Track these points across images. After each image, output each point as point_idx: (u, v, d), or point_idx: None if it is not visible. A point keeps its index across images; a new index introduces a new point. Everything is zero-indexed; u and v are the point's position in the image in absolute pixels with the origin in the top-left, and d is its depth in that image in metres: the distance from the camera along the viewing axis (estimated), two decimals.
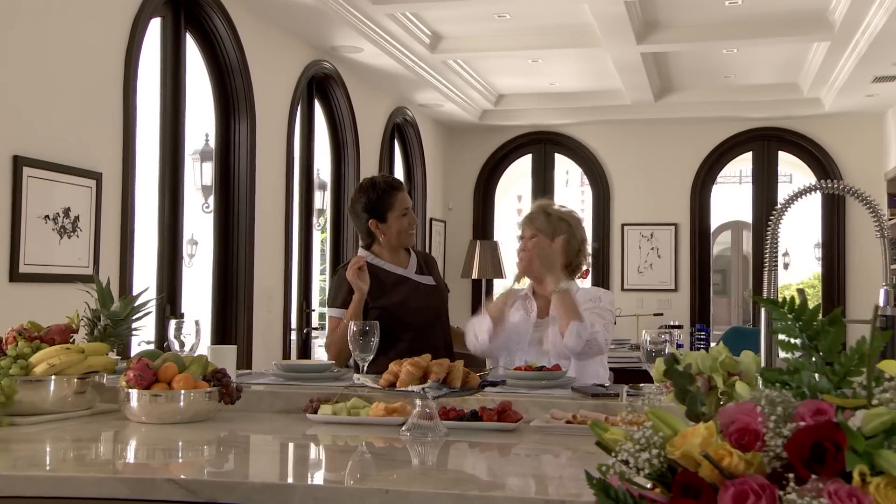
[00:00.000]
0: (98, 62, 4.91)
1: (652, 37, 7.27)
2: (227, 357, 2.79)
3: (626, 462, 1.04)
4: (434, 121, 10.00)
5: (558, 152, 10.51)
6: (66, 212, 4.67)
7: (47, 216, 4.54)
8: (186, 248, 6.25)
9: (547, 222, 3.50)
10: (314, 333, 7.54)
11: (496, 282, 10.54)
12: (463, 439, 2.33)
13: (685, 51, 7.91)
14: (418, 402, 2.29)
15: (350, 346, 2.80)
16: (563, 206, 3.64)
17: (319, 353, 7.96)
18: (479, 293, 10.27)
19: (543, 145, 10.49)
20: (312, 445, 2.38)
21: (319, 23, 6.57)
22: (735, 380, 1.76)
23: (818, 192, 1.77)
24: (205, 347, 2.95)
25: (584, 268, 3.53)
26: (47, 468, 2.02)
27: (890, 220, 9.01)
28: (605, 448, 1.12)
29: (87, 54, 4.82)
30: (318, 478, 1.96)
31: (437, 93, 8.73)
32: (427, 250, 9.72)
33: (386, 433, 2.39)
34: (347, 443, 2.35)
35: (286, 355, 6.79)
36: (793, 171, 14.06)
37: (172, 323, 2.75)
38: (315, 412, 2.50)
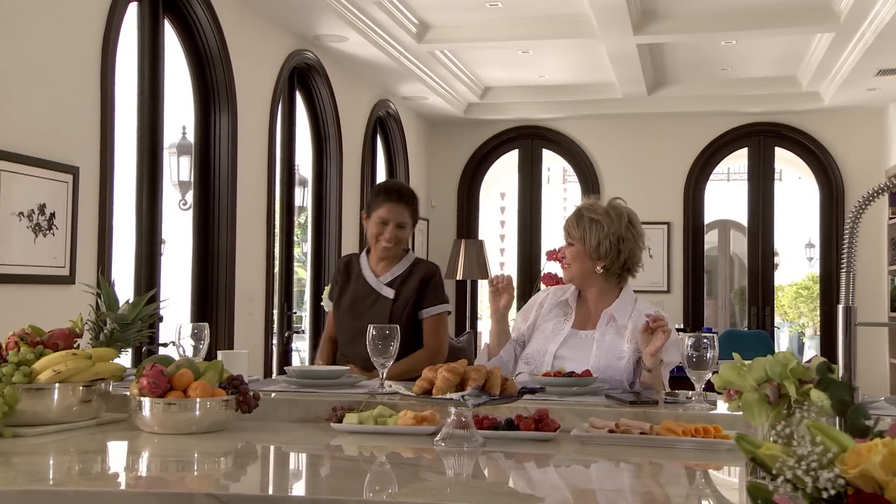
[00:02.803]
0: (73, 50, 4.82)
1: (650, 27, 7.26)
2: (238, 363, 2.74)
3: (794, 482, 1.00)
4: (417, 114, 9.96)
5: (546, 148, 10.50)
6: (41, 208, 4.59)
7: (21, 213, 4.46)
8: None
9: (577, 228, 3.40)
10: (293, 337, 7.49)
11: (481, 283, 10.50)
12: (498, 449, 2.29)
13: (683, 42, 7.92)
14: (452, 410, 2.26)
15: (368, 350, 2.76)
16: (600, 203, 3.48)
17: (294, 359, 7.89)
18: (464, 295, 10.24)
19: (530, 140, 10.49)
20: (342, 456, 2.33)
21: (303, 10, 6.52)
22: (809, 387, 1.74)
23: None
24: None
25: (640, 264, 3.44)
26: (64, 483, 1.96)
27: (891, 219, 9.09)
28: (762, 464, 1.08)
29: (62, 41, 4.73)
30: (362, 492, 1.92)
31: (422, 85, 8.69)
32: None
33: (416, 443, 2.35)
34: (378, 454, 2.30)
35: (268, 360, 6.73)
36: (783, 167, 14.17)
37: (181, 326, 2.70)
38: (340, 421, 2.46)
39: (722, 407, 2.64)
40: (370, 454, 2.32)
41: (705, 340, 2.57)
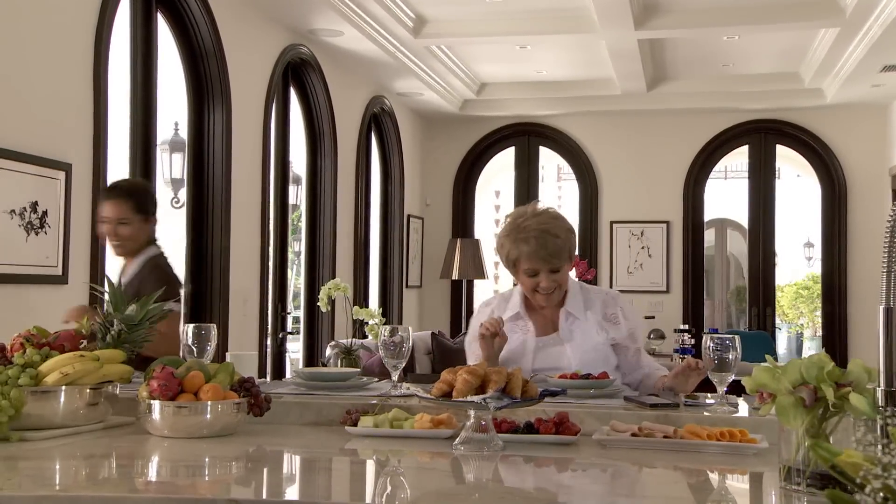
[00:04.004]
0: (66, 44, 4.79)
1: (651, 22, 7.26)
2: (247, 365, 2.72)
3: (884, 492, 0.98)
4: (412, 111, 9.95)
5: (543, 145, 10.51)
6: (34, 206, 4.56)
7: (13, 211, 4.43)
8: None
9: (565, 248, 3.25)
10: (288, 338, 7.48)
11: (477, 283, 10.49)
12: (518, 453, 2.28)
13: (685, 37, 7.92)
14: (472, 413, 2.24)
15: (381, 352, 2.75)
16: (534, 209, 3.33)
17: (286, 361, 7.88)
18: (460, 295, 10.22)
19: (527, 137, 10.49)
20: (359, 461, 2.32)
21: (298, 3, 6.50)
22: (847, 391, 1.74)
23: None
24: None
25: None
26: (77, 489, 1.94)
27: None
28: (841, 473, 1.07)
29: (54, 36, 4.70)
30: (382, 497, 1.91)
31: (418, 80, 8.67)
32: (404, 249, 9.66)
33: (433, 447, 2.34)
34: (396, 458, 2.29)
35: (262, 362, 6.70)
36: (781, 165, 14.20)
37: (189, 327, 2.68)
38: (355, 424, 2.44)
39: (744, 409, 2.63)
40: (387, 458, 2.30)
41: (727, 342, 2.56)
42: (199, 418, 2.35)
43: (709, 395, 2.79)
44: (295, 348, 8.20)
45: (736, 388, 2.72)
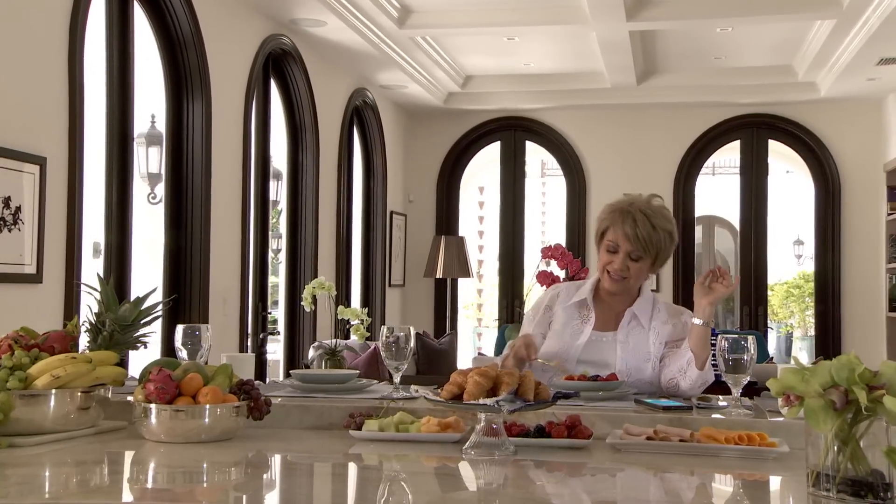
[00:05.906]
0: (40, 34, 4.73)
1: (644, 13, 7.26)
2: (245, 367, 2.70)
3: None
4: (395, 104, 9.92)
5: (530, 140, 10.51)
6: (6, 201, 4.50)
7: None
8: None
9: (652, 243, 3.20)
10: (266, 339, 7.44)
11: (462, 282, 10.48)
12: (529, 458, 2.27)
13: (677, 29, 7.92)
14: (482, 416, 2.23)
15: (381, 353, 2.73)
16: (661, 205, 3.31)
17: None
18: (444, 294, 10.21)
19: (513, 132, 10.48)
20: (365, 466, 2.30)
21: None
22: (881, 394, 1.73)
23: None
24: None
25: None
26: (74, 497, 1.92)
27: (889, 215, 9.15)
28: None
29: (28, 24, 4.65)
30: None
31: (402, 72, 8.65)
32: (387, 246, 9.64)
33: (441, 451, 2.32)
34: (402, 463, 2.27)
35: None
36: (771, 161, 14.25)
37: (180, 328, 2.65)
38: (359, 428, 2.42)
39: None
40: (393, 464, 2.29)
41: (742, 342, 2.55)
42: (197, 422, 2.32)
43: (721, 397, 2.78)
44: (272, 349, 8.16)
45: (748, 390, 2.72)
